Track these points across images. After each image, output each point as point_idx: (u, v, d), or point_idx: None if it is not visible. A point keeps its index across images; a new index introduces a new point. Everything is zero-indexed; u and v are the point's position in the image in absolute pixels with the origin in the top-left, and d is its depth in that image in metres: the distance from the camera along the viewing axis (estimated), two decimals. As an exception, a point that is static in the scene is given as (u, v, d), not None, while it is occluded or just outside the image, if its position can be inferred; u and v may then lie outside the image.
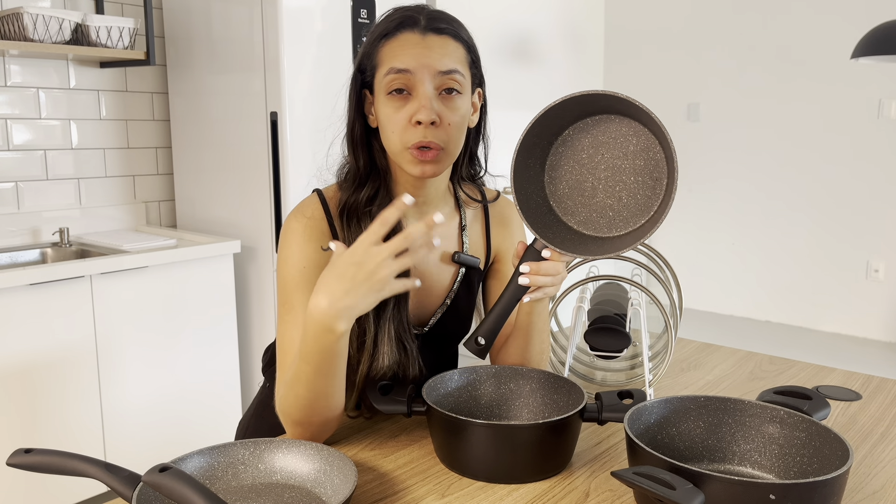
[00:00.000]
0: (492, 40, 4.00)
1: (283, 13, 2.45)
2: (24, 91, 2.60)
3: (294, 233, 1.07)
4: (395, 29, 1.04)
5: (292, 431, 1.02)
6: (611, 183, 0.95)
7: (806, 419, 0.91)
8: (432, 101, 1.01)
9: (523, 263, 0.95)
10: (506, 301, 0.96)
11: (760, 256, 4.65)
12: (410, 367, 1.09)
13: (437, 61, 1.01)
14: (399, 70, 1.01)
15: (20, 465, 0.83)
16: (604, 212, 0.96)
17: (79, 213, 2.78)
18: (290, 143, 2.53)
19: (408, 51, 1.01)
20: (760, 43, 4.49)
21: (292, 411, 0.99)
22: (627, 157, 0.93)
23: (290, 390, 0.99)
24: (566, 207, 0.98)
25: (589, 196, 0.96)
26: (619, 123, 0.93)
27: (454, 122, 1.03)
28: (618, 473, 0.77)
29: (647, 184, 0.93)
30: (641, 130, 0.92)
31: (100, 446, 2.35)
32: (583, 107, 0.93)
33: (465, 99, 1.05)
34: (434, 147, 1.01)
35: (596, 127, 0.94)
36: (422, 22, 1.03)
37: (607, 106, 0.92)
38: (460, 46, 1.05)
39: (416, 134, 1.01)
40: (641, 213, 0.94)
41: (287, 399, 0.99)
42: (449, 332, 1.20)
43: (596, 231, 0.97)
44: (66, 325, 2.23)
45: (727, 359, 1.47)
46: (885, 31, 2.85)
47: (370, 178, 1.09)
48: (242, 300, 2.79)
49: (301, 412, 0.99)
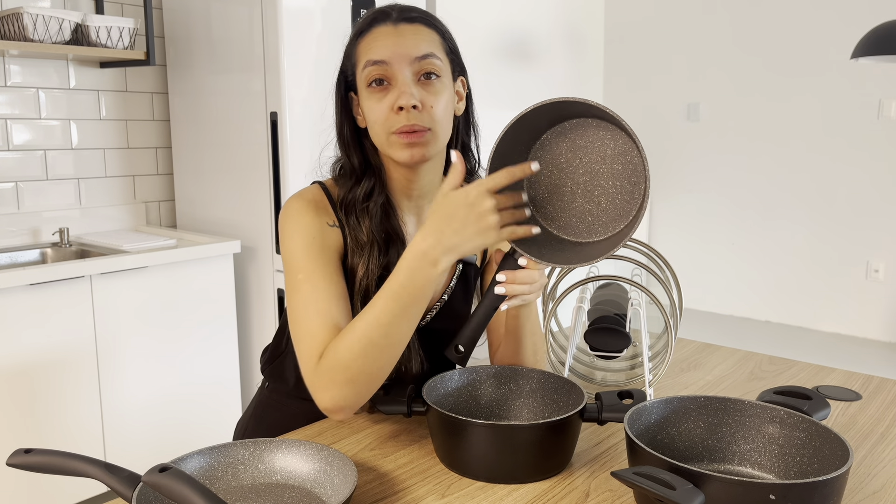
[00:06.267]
0: (492, 40, 4.00)
1: (283, 13, 2.45)
2: (24, 91, 2.60)
3: (299, 211, 1.08)
4: (369, 25, 1.06)
5: (338, 391, 0.96)
6: (589, 187, 0.94)
7: (806, 419, 0.91)
8: (411, 87, 1.02)
9: (500, 272, 0.95)
10: (483, 310, 0.96)
11: (760, 256, 4.65)
12: (413, 362, 1.10)
13: (412, 48, 1.03)
14: (375, 62, 1.03)
15: (20, 466, 0.83)
16: (583, 217, 0.95)
17: (79, 213, 2.78)
18: (290, 143, 2.53)
19: (381, 41, 1.03)
20: (760, 43, 4.49)
21: (352, 362, 0.95)
22: (605, 161, 0.92)
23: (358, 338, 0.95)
24: (545, 212, 0.97)
25: (568, 201, 0.96)
26: (597, 128, 0.92)
27: (437, 105, 1.04)
28: (618, 473, 0.77)
29: (626, 188, 0.92)
30: (619, 135, 0.91)
31: (100, 446, 2.34)
32: (558, 112, 0.93)
33: (444, 83, 1.06)
34: (419, 129, 1.02)
35: (573, 131, 0.93)
36: (393, 15, 1.06)
37: (584, 110, 0.91)
38: (434, 33, 1.07)
39: (399, 119, 1.02)
40: (620, 217, 0.93)
41: (352, 349, 0.95)
42: (445, 329, 1.20)
43: (576, 236, 0.96)
44: (65, 325, 2.23)
45: (727, 359, 1.47)
46: (885, 31, 2.84)
47: (365, 175, 1.11)
48: (242, 300, 2.79)
49: (363, 360, 0.95)
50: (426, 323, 1.17)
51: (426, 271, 0.92)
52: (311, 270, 1.04)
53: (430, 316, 1.17)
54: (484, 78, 3.87)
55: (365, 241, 1.08)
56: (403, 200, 1.13)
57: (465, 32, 1.21)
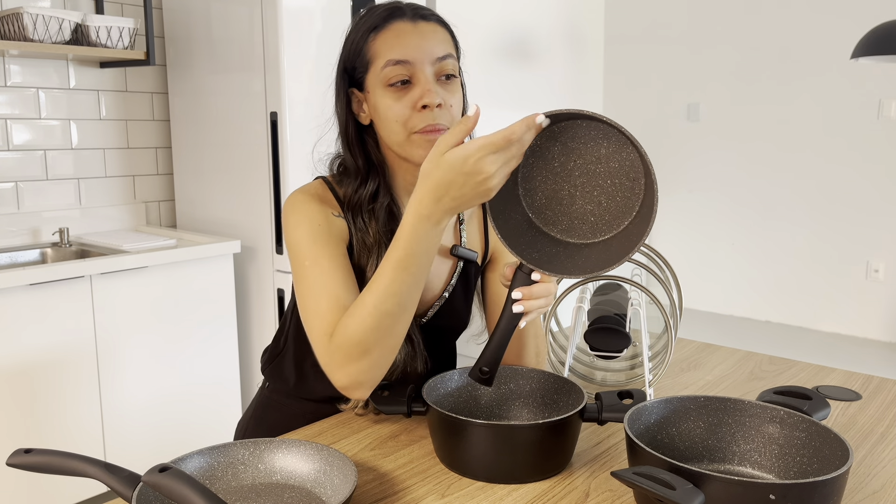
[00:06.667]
0: (492, 40, 4.00)
1: (283, 13, 2.45)
2: (24, 91, 2.60)
3: (304, 202, 1.07)
4: (385, 21, 1.04)
5: (354, 367, 0.97)
6: (587, 188, 0.93)
7: (806, 419, 0.91)
8: (435, 86, 1.02)
9: (514, 290, 0.94)
10: (502, 329, 0.96)
11: (760, 256, 4.65)
12: (418, 361, 1.10)
13: (434, 48, 1.03)
14: (399, 61, 1.02)
15: (20, 465, 0.83)
16: (585, 218, 0.95)
17: (79, 213, 2.78)
18: (290, 143, 2.53)
19: (403, 40, 1.02)
20: (760, 43, 4.49)
21: (365, 335, 0.95)
22: (601, 160, 0.92)
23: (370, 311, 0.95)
24: (546, 218, 0.96)
25: (567, 204, 0.95)
26: (588, 128, 0.91)
27: (457, 105, 1.05)
28: (618, 473, 0.77)
29: (625, 185, 0.92)
30: (611, 132, 0.90)
31: (100, 446, 2.35)
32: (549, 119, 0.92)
33: (458, 83, 1.07)
34: (443, 129, 1.02)
35: (564, 133, 0.92)
36: (408, 12, 1.05)
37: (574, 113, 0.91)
38: (446, 32, 1.07)
39: (423, 118, 1.02)
40: (623, 214, 0.93)
41: (364, 322, 0.95)
42: (446, 326, 1.21)
43: (581, 238, 0.95)
44: (66, 325, 2.23)
45: (727, 359, 1.47)
46: (885, 31, 2.84)
47: (370, 175, 1.10)
48: (242, 300, 2.79)
49: (377, 332, 0.95)
50: (427, 320, 1.17)
51: (429, 234, 0.91)
52: (317, 255, 1.03)
53: (431, 313, 1.17)
54: (484, 78, 3.87)
55: (372, 242, 1.07)
56: (406, 199, 1.13)
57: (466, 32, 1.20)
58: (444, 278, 1.17)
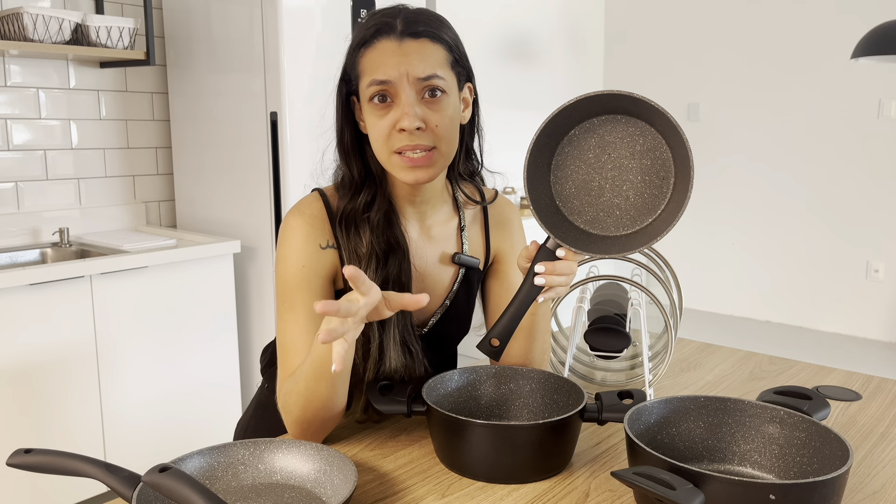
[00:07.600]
0: (492, 40, 4.00)
1: (283, 13, 2.45)
2: (24, 91, 2.60)
3: (294, 231, 1.07)
4: (372, 37, 1.02)
5: (292, 429, 1.04)
6: (618, 182, 0.95)
7: (806, 419, 0.91)
8: (415, 108, 1.00)
9: (538, 263, 0.95)
10: (520, 301, 0.96)
11: (760, 256, 4.65)
12: (416, 369, 1.10)
13: (415, 68, 1.00)
14: (379, 81, 1.01)
15: (20, 465, 0.83)
16: (611, 211, 0.96)
17: (79, 213, 2.78)
18: (290, 143, 2.53)
19: (385, 60, 1.00)
20: (760, 43, 4.49)
21: (293, 409, 1.01)
22: (634, 156, 0.94)
23: (292, 388, 1.01)
24: (572, 207, 0.98)
25: (595, 196, 0.97)
26: (626, 123, 0.93)
27: (442, 123, 1.02)
28: (618, 473, 0.77)
29: (655, 183, 0.94)
30: (648, 130, 0.93)
31: (100, 446, 2.35)
32: (595, 106, 0.94)
33: (450, 99, 1.04)
34: (423, 148, 1.01)
35: (602, 127, 0.95)
36: (398, 27, 1.01)
37: (616, 106, 0.93)
38: (440, 47, 1.03)
39: (401, 139, 1.01)
40: (649, 211, 0.94)
41: (290, 396, 1.01)
42: (448, 333, 1.20)
43: (603, 230, 0.97)
44: (66, 325, 2.23)
45: (727, 359, 1.47)
46: (885, 31, 2.85)
47: (366, 185, 1.09)
48: (242, 300, 2.79)
49: (301, 411, 1.00)
50: (429, 328, 1.17)
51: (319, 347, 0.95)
52: (294, 302, 1.06)
53: (433, 320, 1.17)
54: (484, 77, 3.87)
55: (364, 252, 1.07)
56: (406, 206, 1.12)
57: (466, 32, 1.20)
58: (445, 285, 1.17)
